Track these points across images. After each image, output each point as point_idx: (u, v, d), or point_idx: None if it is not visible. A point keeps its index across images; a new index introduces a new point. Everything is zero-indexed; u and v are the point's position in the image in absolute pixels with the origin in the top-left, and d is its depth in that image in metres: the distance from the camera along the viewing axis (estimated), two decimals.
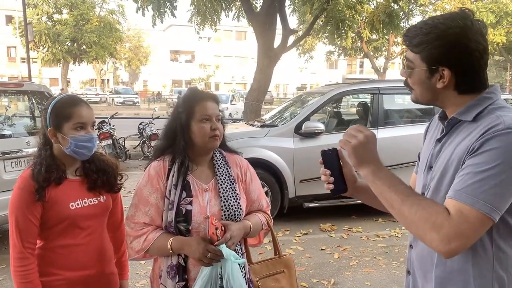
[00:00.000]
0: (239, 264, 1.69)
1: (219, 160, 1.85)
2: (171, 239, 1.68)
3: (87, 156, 1.77)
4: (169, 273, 1.73)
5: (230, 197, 1.77)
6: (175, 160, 1.77)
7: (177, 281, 1.71)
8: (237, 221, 1.77)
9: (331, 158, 1.46)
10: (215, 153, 1.86)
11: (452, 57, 1.21)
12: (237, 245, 1.79)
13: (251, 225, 1.81)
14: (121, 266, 2.02)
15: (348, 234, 5.34)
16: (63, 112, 1.72)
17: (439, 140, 1.32)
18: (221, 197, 1.76)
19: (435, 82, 1.25)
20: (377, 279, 4.09)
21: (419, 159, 1.52)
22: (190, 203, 1.71)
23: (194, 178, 1.77)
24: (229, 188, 1.79)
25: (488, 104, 1.22)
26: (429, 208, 1.12)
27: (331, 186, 1.45)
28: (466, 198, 1.09)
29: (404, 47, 31.64)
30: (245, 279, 1.76)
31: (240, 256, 1.78)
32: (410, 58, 1.29)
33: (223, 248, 1.61)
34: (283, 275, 1.95)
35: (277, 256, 2.00)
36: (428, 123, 1.52)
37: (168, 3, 10.78)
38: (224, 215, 1.74)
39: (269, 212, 1.98)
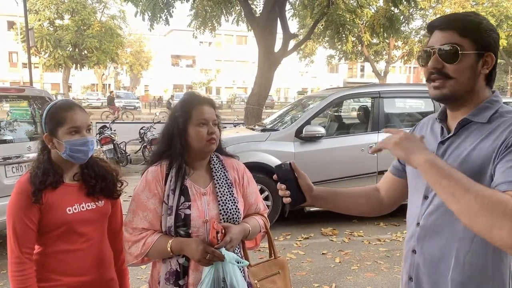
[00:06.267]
0: (239, 267, 1.70)
1: (216, 164, 1.86)
2: (170, 240, 1.68)
3: (83, 160, 1.76)
4: (168, 280, 1.72)
5: (228, 200, 1.78)
6: (173, 165, 1.77)
7: (175, 287, 1.70)
8: (235, 224, 1.77)
9: (285, 172, 1.50)
10: (212, 157, 1.87)
11: (496, 44, 1.25)
12: (236, 248, 1.80)
13: (250, 228, 1.81)
14: (122, 275, 2.00)
15: (349, 238, 5.33)
16: (57, 117, 1.72)
17: (442, 143, 1.31)
18: (219, 201, 1.76)
19: (480, 68, 1.24)
20: (378, 284, 4.07)
21: (400, 163, 1.53)
22: (189, 207, 1.71)
23: (192, 183, 1.77)
24: (226, 192, 1.79)
25: (498, 107, 1.26)
26: (496, 196, 1.02)
27: (289, 199, 1.48)
28: None
29: (405, 50, 31.67)
30: (245, 282, 1.76)
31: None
32: (457, 42, 1.21)
33: (225, 252, 1.61)
34: (279, 276, 1.97)
35: (273, 258, 2.02)
36: (413, 128, 1.53)
37: (165, 10, 10.81)
38: (223, 218, 1.74)
39: (266, 215, 2.00)
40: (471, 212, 1.03)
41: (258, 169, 5.44)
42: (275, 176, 1.50)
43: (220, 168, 1.85)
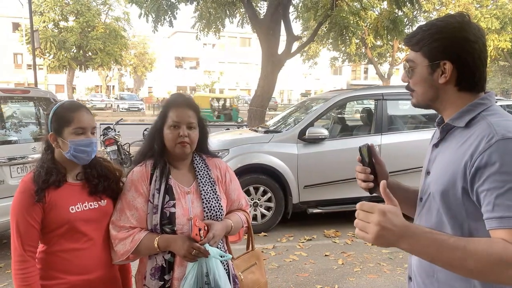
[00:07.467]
0: (222, 261, 1.76)
1: (199, 164, 1.91)
2: (157, 237, 1.73)
3: (86, 160, 1.80)
4: (153, 275, 1.77)
5: (212, 198, 1.84)
6: (157, 165, 1.82)
7: (161, 282, 1.76)
8: (218, 221, 1.82)
9: (367, 154, 1.39)
10: (195, 157, 1.92)
11: (453, 50, 1.22)
12: (220, 243, 1.86)
13: (232, 224, 1.88)
14: (125, 273, 2.03)
15: (352, 240, 5.33)
16: (64, 117, 1.75)
17: (435, 146, 1.33)
18: (203, 199, 1.82)
19: (437, 78, 1.25)
20: (381, 285, 4.07)
21: None
22: (174, 206, 1.77)
23: (176, 182, 1.83)
24: (210, 190, 1.85)
25: (481, 110, 1.21)
26: (489, 250, 1.03)
27: (372, 184, 1.40)
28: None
29: (408, 53, 31.77)
30: (230, 275, 1.84)
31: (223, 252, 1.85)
32: (411, 59, 1.30)
33: (209, 248, 1.67)
34: (256, 266, 2.08)
35: (251, 249, 2.12)
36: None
37: (169, 12, 10.86)
38: (207, 216, 1.80)
39: (248, 211, 2.07)
40: (474, 275, 1.08)
41: (261, 171, 5.45)
42: (358, 158, 1.41)
43: (203, 167, 1.91)
